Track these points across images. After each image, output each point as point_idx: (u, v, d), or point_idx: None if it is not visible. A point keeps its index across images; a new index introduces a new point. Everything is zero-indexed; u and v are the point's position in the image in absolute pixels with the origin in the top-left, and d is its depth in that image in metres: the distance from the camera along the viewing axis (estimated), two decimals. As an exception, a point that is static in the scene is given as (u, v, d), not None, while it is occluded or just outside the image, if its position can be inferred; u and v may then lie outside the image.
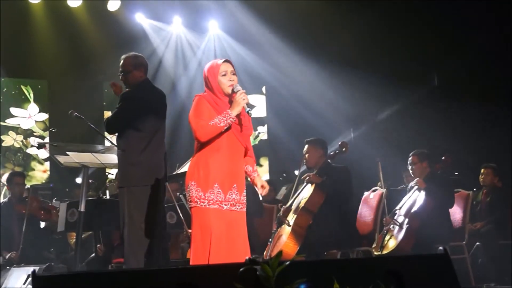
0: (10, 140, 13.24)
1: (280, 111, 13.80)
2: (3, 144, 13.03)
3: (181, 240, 8.45)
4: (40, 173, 13.34)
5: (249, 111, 5.02)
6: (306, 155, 7.52)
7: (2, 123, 13.16)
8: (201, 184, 4.96)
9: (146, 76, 6.46)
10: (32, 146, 12.86)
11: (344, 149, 7.37)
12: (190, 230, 8.14)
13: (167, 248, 6.59)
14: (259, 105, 14.32)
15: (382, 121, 12.52)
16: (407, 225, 7.34)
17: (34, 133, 13.21)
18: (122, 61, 6.45)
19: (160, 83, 12.47)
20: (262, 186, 5.21)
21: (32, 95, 13.45)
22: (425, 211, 7.43)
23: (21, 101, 13.46)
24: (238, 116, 5.02)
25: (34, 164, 13.31)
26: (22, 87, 13.40)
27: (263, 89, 14.40)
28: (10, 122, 13.30)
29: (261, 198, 9.52)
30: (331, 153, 7.38)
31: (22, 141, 13.18)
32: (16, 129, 13.24)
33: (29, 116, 13.41)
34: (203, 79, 5.17)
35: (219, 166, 4.99)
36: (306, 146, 7.56)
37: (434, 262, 3.86)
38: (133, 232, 6.14)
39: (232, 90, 5.07)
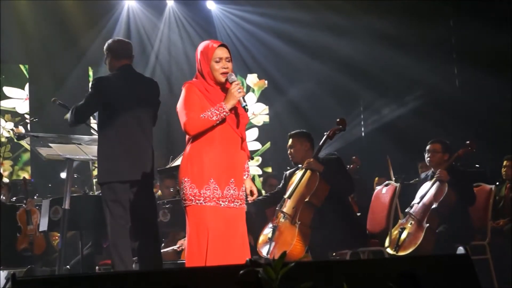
0: (-2, 128, 12.74)
1: (283, 101, 13.83)
2: None
3: (175, 240, 8.45)
4: (35, 167, 12.91)
5: (246, 106, 4.98)
6: (291, 150, 7.42)
7: None
8: (196, 180, 4.93)
9: (128, 62, 6.47)
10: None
11: (341, 126, 7.26)
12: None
13: (159, 249, 6.58)
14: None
15: (395, 110, 12.54)
16: (427, 224, 7.29)
17: (34, 119, 12.60)
18: (105, 46, 6.52)
19: (150, 68, 12.52)
20: (251, 192, 5.21)
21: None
22: (447, 207, 7.38)
23: (17, 80, 13.09)
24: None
25: (28, 156, 12.92)
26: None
27: (252, 77, 14.44)
28: (3, 104, 12.88)
29: (263, 192, 9.51)
30: (330, 133, 7.23)
31: (12, 130, 12.56)
32: (4, 115, 12.81)
33: (26, 97, 13.00)
34: (196, 62, 5.13)
35: (214, 160, 4.96)
36: (290, 140, 7.44)
37: (454, 263, 3.84)
38: (116, 232, 6.19)
39: (226, 79, 5.04)
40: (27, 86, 13.12)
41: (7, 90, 13.04)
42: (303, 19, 12.95)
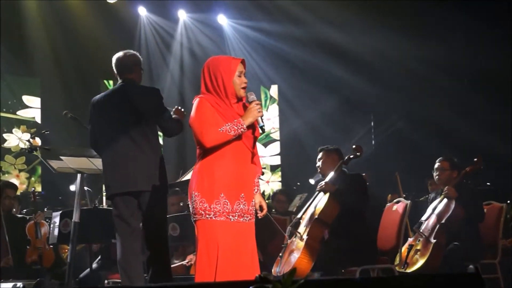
0: (14, 139, 12.59)
1: (293, 115, 13.81)
2: (5, 145, 12.47)
3: (185, 255, 8.43)
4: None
5: (263, 126, 5.01)
6: (320, 162, 7.56)
7: (11, 116, 12.52)
8: (206, 195, 4.93)
9: (130, 76, 6.45)
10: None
11: (358, 153, 7.41)
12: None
13: (168, 264, 6.55)
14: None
15: (405, 125, 12.51)
16: (435, 240, 7.28)
17: (45, 132, 12.26)
18: None
19: (163, 81, 12.53)
20: (261, 207, 5.19)
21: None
22: (454, 224, 7.37)
23: (36, 89, 12.88)
24: None
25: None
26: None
27: (276, 88, 14.41)
28: (22, 114, 12.70)
29: (273, 210, 9.52)
30: (345, 158, 7.40)
31: (29, 141, 12.30)
32: (19, 124, 12.60)
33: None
34: (207, 77, 5.08)
35: (225, 174, 4.96)
36: (320, 154, 7.62)
37: (464, 282, 3.82)
38: (121, 248, 6.22)
39: (246, 98, 5.06)
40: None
41: (26, 99, 12.93)
42: (309, 36, 13.00)
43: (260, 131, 5.08)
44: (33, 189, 10.81)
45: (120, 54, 6.54)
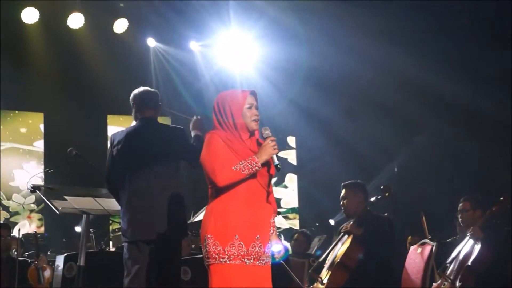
0: (25, 176, 12.40)
1: (311, 151, 13.79)
2: (14, 183, 12.42)
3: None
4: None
5: (278, 165, 4.94)
6: (344, 201, 7.51)
7: (23, 147, 12.49)
8: (219, 237, 4.86)
9: (151, 113, 6.51)
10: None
11: (387, 193, 7.37)
12: None
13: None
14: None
15: (432, 159, 12.45)
16: (460, 283, 7.21)
17: (49, 170, 10.88)
18: (130, 97, 6.61)
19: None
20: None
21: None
22: (481, 266, 7.29)
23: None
24: None
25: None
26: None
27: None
28: (39, 146, 12.70)
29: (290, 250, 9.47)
30: (373, 199, 7.36)
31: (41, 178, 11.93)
32: (29, 159, 12.53)
33: None
34: (216, 112, 5.07)
35: (239, 215, 4.90)
36: (344, 191, 7.56)
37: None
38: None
39: (261, 133, 5.02)
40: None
41: (43, 127, 12.96)
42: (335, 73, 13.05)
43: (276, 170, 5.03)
44: (35, 231, 10.78)
45: (142, 90, 6.59)
